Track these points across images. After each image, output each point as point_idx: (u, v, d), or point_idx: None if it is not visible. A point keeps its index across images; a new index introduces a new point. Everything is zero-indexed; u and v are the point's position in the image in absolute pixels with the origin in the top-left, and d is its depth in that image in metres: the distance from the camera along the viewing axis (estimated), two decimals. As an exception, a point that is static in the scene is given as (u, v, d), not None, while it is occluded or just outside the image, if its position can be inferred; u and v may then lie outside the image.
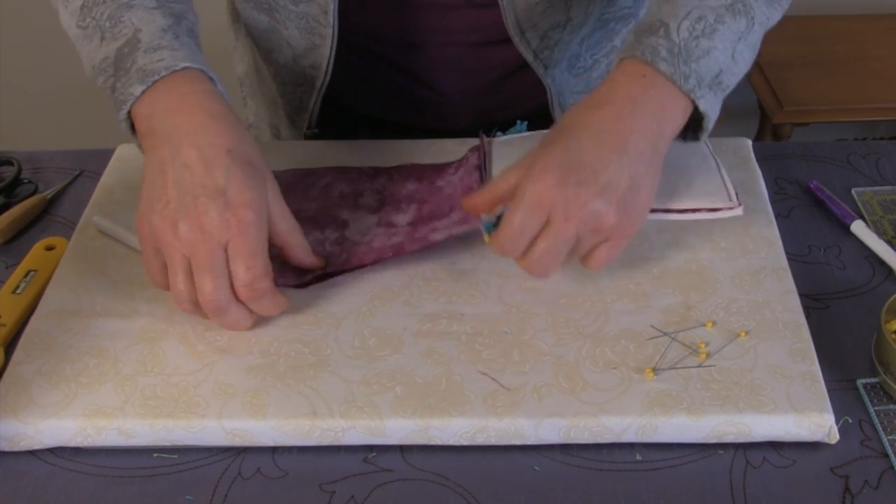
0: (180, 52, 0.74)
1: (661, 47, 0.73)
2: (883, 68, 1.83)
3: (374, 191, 0.86)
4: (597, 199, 0.70)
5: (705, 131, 0.76)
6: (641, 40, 0.74)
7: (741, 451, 0.68)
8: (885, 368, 0.71)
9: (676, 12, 0.74)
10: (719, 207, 0.78)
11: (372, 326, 0.74)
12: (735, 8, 0.76)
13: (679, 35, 0.73)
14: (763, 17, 0.78)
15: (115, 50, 0.76)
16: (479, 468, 0.68)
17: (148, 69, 0.73)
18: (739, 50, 0.76)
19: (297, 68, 0.95)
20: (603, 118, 0.72)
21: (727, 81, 0.76)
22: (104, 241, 0.83)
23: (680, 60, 0.73)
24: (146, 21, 0.76)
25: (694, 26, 0.74)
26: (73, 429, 0.68)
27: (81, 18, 0.79)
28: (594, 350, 0.72)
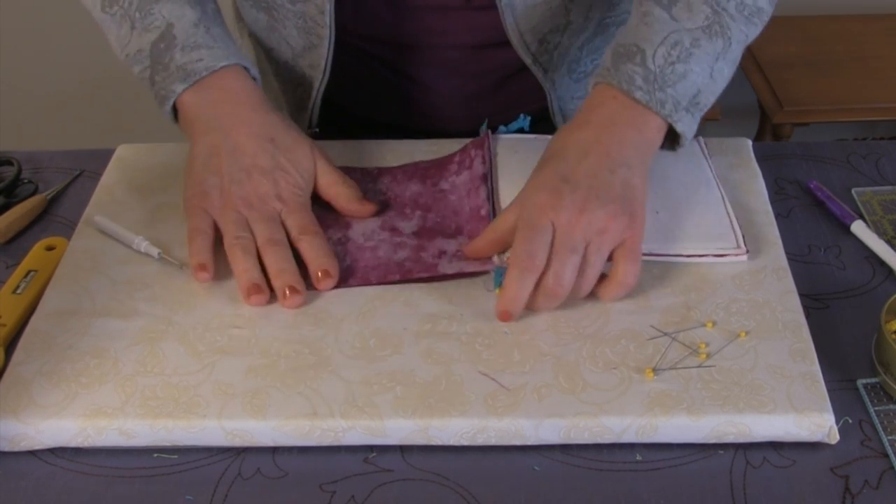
0: (216, 49, 0.81)
1: (637, 75, 0.75)
2: (883, 68, 1.83)
3: (377, 191, 0.86)
4: (593, 201, 0.72)
5: (681, 146, 0.80)
6: (618, 66, 0.76)
7: (741, 451, 0.68)
8: (885, 368, 0.71)
9: (653, 38, 0.76)
10: (727, 254, 0.78)
11: (372, 326, 0.74)
12: (712, 30, 0.77)
13: (655, 62, 0.76)
14: (741, 35, 0.80)
15: (149, 44, 0.82)
16: (479, 468, 0.68)
17: (189, 69, 0.80)
18: (718, 69, 0.78)
19: (297, 67, 0.95)
20: (585, 136, 0.75)
21: (705, 101, 0.78)
22: (104, 241, 0.83)
23: (656, 87, 0.75)
24: (176, 15, 0.82)
25: (669, 52, 0.76)
26: (74, 429, 0.68)
27: (108, 5, 0.84)
28: (594, 350, 0.72)
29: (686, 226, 0.80)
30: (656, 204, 0.82)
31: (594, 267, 0.73)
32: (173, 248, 0.81)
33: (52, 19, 2.02)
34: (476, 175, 0.85)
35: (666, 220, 0.81)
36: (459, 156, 0.88)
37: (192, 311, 0.76)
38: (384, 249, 0.80)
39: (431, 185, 0.86)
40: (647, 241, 0.79)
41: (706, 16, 0.77)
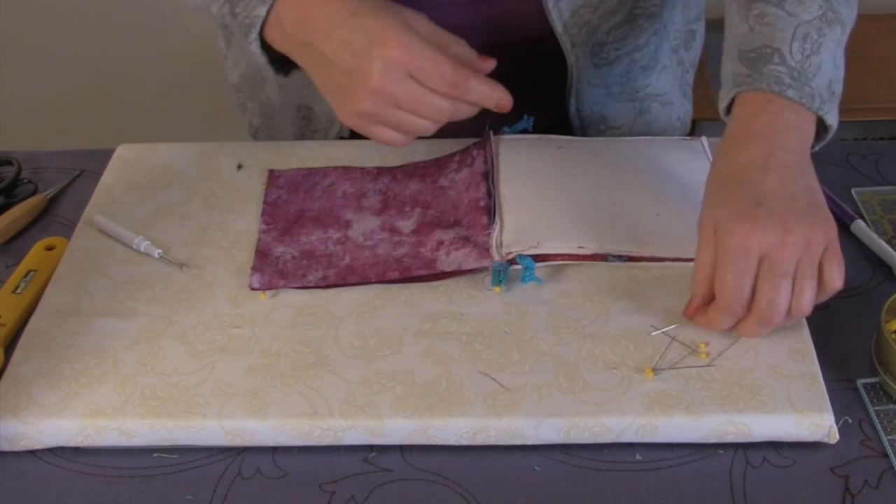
0: None
1: (784, 74, 0.74)
2: (883, 68, 1.83)
3: (377, 191, 0.86)
4: (793, 219, 0.69)
5: (825, 140, 0.78)
6: (759, 70, 0.74)
7: (741, 451, 0.68)
8: (885, 368, 0.71)
9: (783, 35, 0.75)
10: None
11: (372, 326, 0.74)
12: (827, 17, 0.77)
13: (794, 58, 0.74)
14: (849, 19, 0.80)
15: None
16: (479, 468, 0.68)
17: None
18: (839, 56, 0.77)
19: None
20: (755, 152, 0.72)
21: (837, 89, 0.77)
22: (104, 241, 0.83)
23: (802, 83, 0.74)
24: None
25: (803, 46, 0.75)
26: (73, 429, 0.68)
27: None
28: (594, 350, 0.72)
29: (686, 229, 0.80)
30: (657, 206, 0.82)
31: (811, 282, 0.70)
32: (173, 248, 0.81)
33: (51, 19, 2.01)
34: (476, 171, 0.85)
35: (666, 222, 0.81)
36: (460, 155, 0.88)
37: (192, 311, 0.76)
38: (383, 248, 0.80)
39: (431, 182, 0.86)
40: (648, 245, 0.79)
41: (819, 5, 0.77)
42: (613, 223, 0.80)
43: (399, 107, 0.74)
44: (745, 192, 0.71)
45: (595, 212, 0.81)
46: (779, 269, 0.69)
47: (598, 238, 0.79)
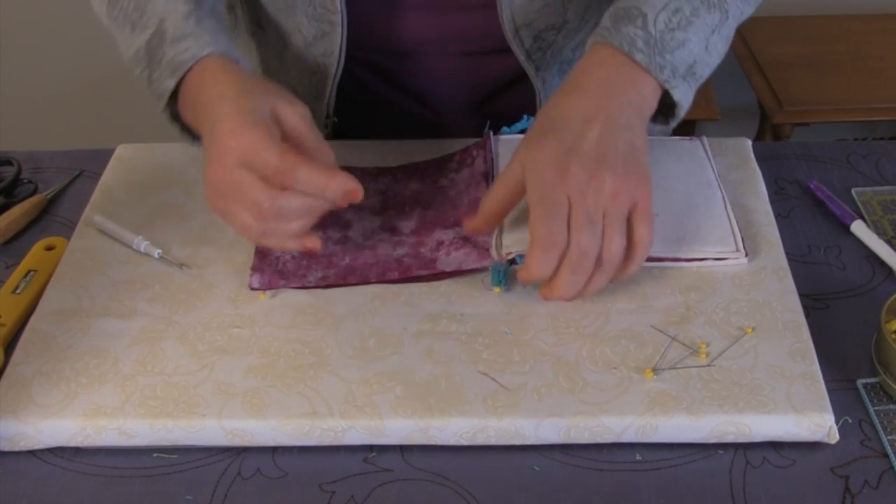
0: (203, 38, 0.77)
1: (638, 38, 0.75)
2: (883, 68, 1.83)
3: (377, 191, 0.86)
4: (601, 167, 0.71)
5: (676, 118, 0.79)
6: (619, 28, 0.76)
7: (741, 451, 0.68)
8: (885, 368, 0.71)
9: (654, 3, 0.76)
10: (726, 257, 0.78)
11: (372, 326, 0.74)
12: (710, 1, 0.78)
13: (656, 27, 0.75)
14: (737, 11, 0.81)
15: (144, 42, 0.79)
16: (479, 468, 0.68)
17: (176, 61, 0.76)
18: (713, 42, 0.78)
19: (310, 56, 0.95)
20: (585, 103, 0.74)
21: (700, 72, 0.78)
22: (104, 241, 0.83)
23: (655, 52, 0.75)
24: (169, 10, 0.79)
25: (671, 18, 0.76)
26: (73, 429, 0.68)
27: (110, 9, 0.83)
28: (594, 350, 0.72)
29: (686, 229, 0.80)
30: (657, 206, 0.82)
31: (619, 234, 0.71)
32: (173, 248, 0.81)
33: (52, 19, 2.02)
34: (477, 171, 0.85)
35: (666, 222, 0.81)
36: (460, 155, 0.89)
37: (192, 311, 0.76)
38: (383, 248, 0.80)
39: (431, 182, 0.86)
40: None
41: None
42: None
43: (230, 198, 0.71)
44: (561, 138, 0.72)
45: None
46: (583, 214, 0.70)
47: None
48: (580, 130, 0.72)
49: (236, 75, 0.75)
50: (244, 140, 0.70)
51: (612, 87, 0.75)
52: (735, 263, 0.78)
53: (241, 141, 0.70)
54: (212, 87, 0.74)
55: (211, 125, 0.72)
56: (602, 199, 0.71)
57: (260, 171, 0.70)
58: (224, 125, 0.71)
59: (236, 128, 0.70)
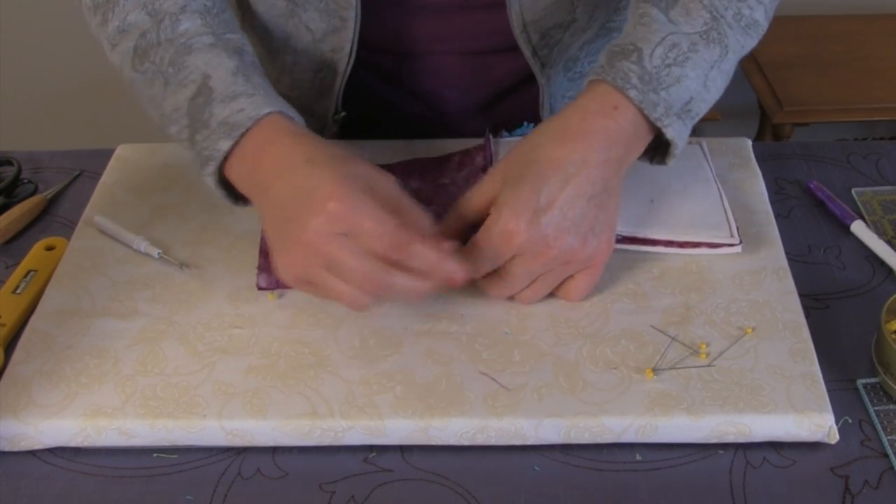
0: (257, 96, 0.73)
1: (633, 74, 0.73)
2: (883, 68, 1.83)
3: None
4: (564, 237, 0.72)
5: (671, 157, 0.77)
6: (614, 63, 0.74)
7: (741, 451, 0.68)
8: (885, 368, 0.71)
9: (651, 37, 0.75)
10: (721, 243, 0.78)
11: (372, 326, 0.74)
12: (710, 36, 0.76)
13: (651, 62, 0.74)
14: (737, 45, 0.78)
15: (186, 100, 0.74)
16: (479, 468, 0.68)
17: (231, 122, 0.72)
18: (712, 77, 0.76)
19: (316, 53, 0.94)
20: (573, 154, 0.72)
21: (697, 109, 0.76)
22: (104, 241, 0.83)
23: (650, 88, 0.73)
24: (213, 65, 0.74)
25: (667, 54, 0.74)
26: (73, 429, 0.68)
27: (138, 62, 0.77)
28: (594, 350, 0.72)
29: (680, 214, 0.80)
30: (652, 193, 0.82)
31: (548, 288, 0.75)
32: (173, 248, 0.81)
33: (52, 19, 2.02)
34: (477, 169, 0.86)
35: (660, 207, 0.81)
36: (460, 156, 0.89)
37: (192, 311, 0.76)
38: None
39: (431, 180, 0.86)
40: (639, 227, 0.79)
41: (704, 21, 0.76)
42: None
43: (327, 268, 0.67)
44: (537, 189, 0.71)
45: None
46: (525, 271, 0.73)
47: None
48: (558, 188, 0.71)
49: (315, 139, 0.72)
50: (351, 206, 0.66)
51: (606, 142, 0.73)
52: (730, 252, 0.78)
53: (346, 206, 0.66)
54: (290, 148, 0.70)
55: (302, 188, 0.68)
56: (549, 263, 0.72)
57: (366, 243, 0.66)
58: (323, 191, 0.66)
59: (340, 191, 0.66)
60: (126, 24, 0.78)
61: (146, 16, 0.78)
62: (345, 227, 0.66)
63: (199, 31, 0.77)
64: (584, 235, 0.72)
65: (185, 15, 0.77)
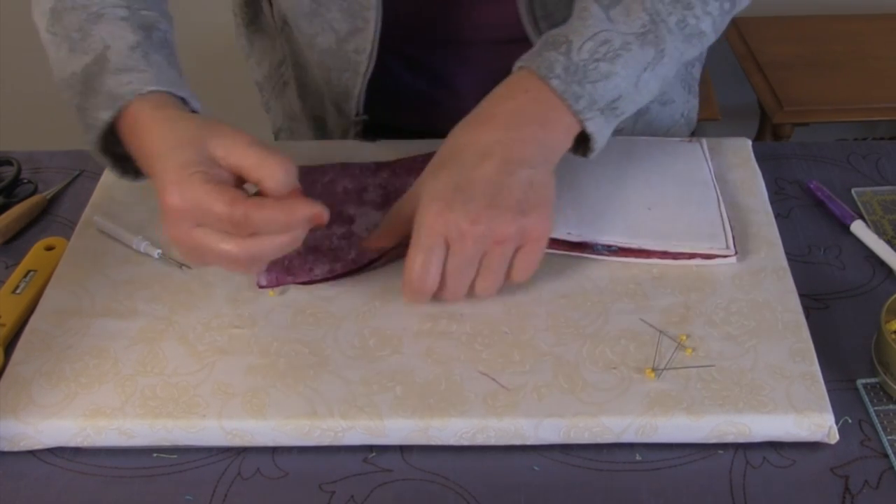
0: (148, 73, 0.73)
1: (558, 64, 0.73)
2: (883, 68, 1.83)
3: (377, 185, 0.86)
4: (488, 211, 0.70)
5: (593, 151, 0.77)
6: (542, 53, 0.75)
7: (741, 451, 0.68)
8: (885, 368, 0.71)
9: (584, 31, 0.75)
10: (715, 255, 0.78)
11: (372, 326, 0.74)
12: (646, 38, 0.76)
13: (580, 55, 0.74)
14: (676, 52, 0.78)
15: (83, 66, 0.75)
16: (479, 468, 0.68)
17: (115, 93, 0.72)
18: (644, 79, 0.76)
19: (341, 53, 0.94)
20: (485, 135, 0.73)
21: (624, 107, 0.76)
22: (104, 241, 0.83)
23: (573, 80, 0.73)
24: (116, 37, 0.75)
25: (597, 48, 0.74)
26: (73, 429, 0.68)
27: (51, 24, 0.78)
28: (594, 350, 0.72)
29: (677, 223, 0.81)
30: (649, 200, 0.82)
31: (495, 275, 0.72)
32: (173, 248, 0.81)
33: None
34: None
35: (657, 216, 0.81)
36: None
37: (192, 311, 0.76)
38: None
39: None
40: (637, 237, 0.79)
41: (643, 23, 0.75)
42: (604, 213, 0.81)
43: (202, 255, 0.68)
44: (453, 173, 0.71)
45: (587, 202, 0.81)
46: (458, 262, 0.71)
47: (586, 225, 0.79)
48: (472, 166, 0.71)
49: (173, 125, 0.71)
50: (188, 198, 0.66)
51: (516, 121, 0.73)
52: (725, 263, 0.78)
53: (185, 199, 0.66)
54: (146, 136, 0.71)
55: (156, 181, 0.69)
56: (483, 243, 0.70)
57: (217, 227, 0.67)
58: (164, 186, 0.67)
59: (174, 186, 0.67)
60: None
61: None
62: (191, 219, 0.67)
63: (114, 2, 0.78)
64: (510, 211, 0.70)
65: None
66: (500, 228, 0.70)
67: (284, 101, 1.10)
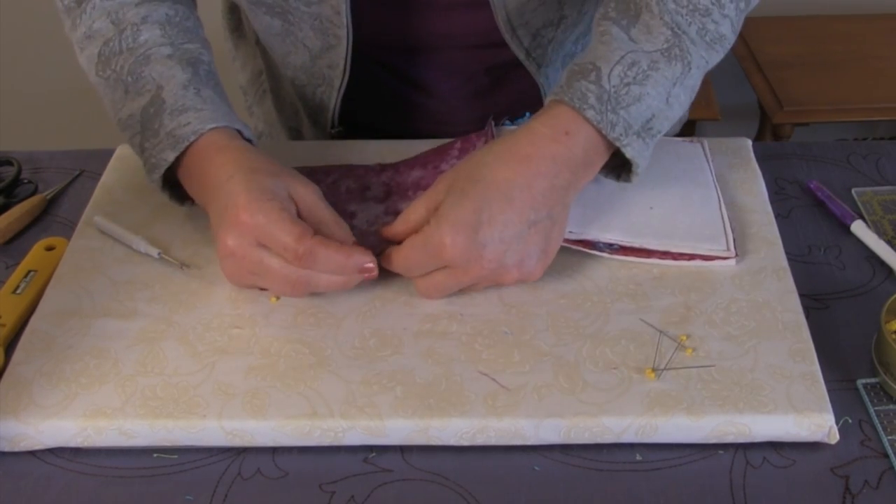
0: (205, 111, 0.77)
1: (591, 93, 0.73)
2: (883, 68, 1.83)
3: (380, 183, 0.86)
4: (499, 258, 0.72)
5: (635, 175, 0.77)
6: (572, 83, 0.74)
7: (741, 451, 0.68)
8: (885, 368, 0.71)
9: (610, 56, 0.74)
10: (715, 256, 0.78)
11: (372, 326, 0.74)
12: (671, 53, 0.75)
13: (610, 81, 0.73)
14: (701, 60, 0.78)
15: (140, 108, 0.78)
16: (479, 468, 0.68)
17: (177, 134, 0.76)
18: (675, 94, 0.76)
19: (315, 69, 0.95)
20: (518, 177, 0.73)
21: (659, 126, 0.76)
22: (104, 241, 0.83)
23: (608, 108, 0.73)
24: (167, 77, 0.79)
25: (626, 72, 0.74)
26: (74, 429, 0.68)
27: (101, 68, 0.81)
28: (594, 350, 0.72)
29: (678, 224, 0.80)
30: (651, 200, 0.82)
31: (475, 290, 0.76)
32: (173, 248, 0.81)
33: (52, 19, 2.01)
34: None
35: (659, 216, 0.81)
36: (461, 143, 0.88)
37: (192, 311, 0.76)
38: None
39: (433, 167, 0.86)
40: (639, 236, 0.79)
41: (666, 38, 0.75)
42: (607, 211, 0.81)
43: (255, 272, 0.73)
44: (478, 208, 0.71)
45: (589, 200, 0.81)
46: (453, 282, 0.74)
47: (588, 224, 0.79)
48: (498, 210, 0.71)
49: (243, 154, 0.75)
50: (260, 218, 0.70)
51: (554, 170, 0.73)
52: (725, 265, 0.78)
53: (256, 218, 0.71)
54: (220, 167, 0.74)
55: (223, 203, 0.73)
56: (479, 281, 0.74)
57: (277, 251, 0.71)
58: (238, 201, 0.71)
59: (250, 205, 0.71)
60: (92, 31, 0.82)
61: (110, 24, 0.81)
62: (256, 237, 0.71)
63: (157, 41, 0.80)
64: (518, 259, 0.73)
65: (145, 26, 0.81)
66: (503, 274, 0.73)
67: (265, 108, 1.11)
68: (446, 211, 0.72)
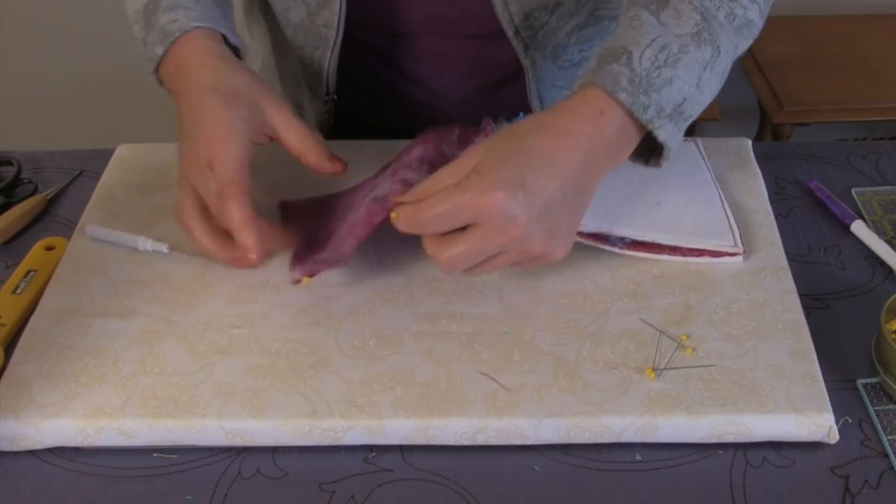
0: (193, 11, 0.81)
1: (623, 76, 0.73)
2: (883, 68, 1.83)
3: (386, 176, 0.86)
4: (532, 224, 0.69)
5: (666, 159, 0.76)
6: (603, 67, 0.74)
7: (741, 451, 0.68)
8: (885, 368, 0.71)
9: (640, 39, 0.74)
10: (724, 252, 0.78)
11: (372, 326, 0.74)
12: (701, 37, 0.75)
13: (641, 64, 0.73)
14: (730, 45, 0.78)
15: (143, 4, 0.83)
16: (479, 468, 0.68)
17: (166, 29, 0.80)
18: (705, 79, 0.76)
19: (312, 28, 0.95)
20: (559, 148, 0.72)
21: (690, 110, 0.75)
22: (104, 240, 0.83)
23: (640, 91, 0.72)
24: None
25: (657, 55, 0.73)
26: (73, 429, 0.68)
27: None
28: (594, 350, 0.72)
29: (685, 220, 0.80)
30: (658, 195, 0.82)
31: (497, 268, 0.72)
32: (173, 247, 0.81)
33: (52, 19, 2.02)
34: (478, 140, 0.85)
35: (666, 211, 0.81)
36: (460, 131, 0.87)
37: (192, 310, 0.76)
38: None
39: (433, 146, 0.86)
40: (649, 230, 0.79)
41: (695, 22, 0.75)
42: (616, 206, 0.81)
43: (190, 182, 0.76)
44: (521, 171, 0.69)
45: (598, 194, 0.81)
46: (483, 244, 0.69)
47: (600, 218, 0.79)
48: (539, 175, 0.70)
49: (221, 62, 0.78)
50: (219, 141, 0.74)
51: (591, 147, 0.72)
52: (732, 262, 0.78)
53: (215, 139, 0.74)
54: (198, 70, 0.78)
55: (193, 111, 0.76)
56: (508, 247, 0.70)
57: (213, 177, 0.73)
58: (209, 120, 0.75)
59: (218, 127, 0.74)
60: None
61: None
62: (209, 155, 0.74)
63: None
64: (549, 228, 0.70)
65: None
66: (532, 245, 0.70)
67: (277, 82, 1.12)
68: (489, 167, 0.70)
